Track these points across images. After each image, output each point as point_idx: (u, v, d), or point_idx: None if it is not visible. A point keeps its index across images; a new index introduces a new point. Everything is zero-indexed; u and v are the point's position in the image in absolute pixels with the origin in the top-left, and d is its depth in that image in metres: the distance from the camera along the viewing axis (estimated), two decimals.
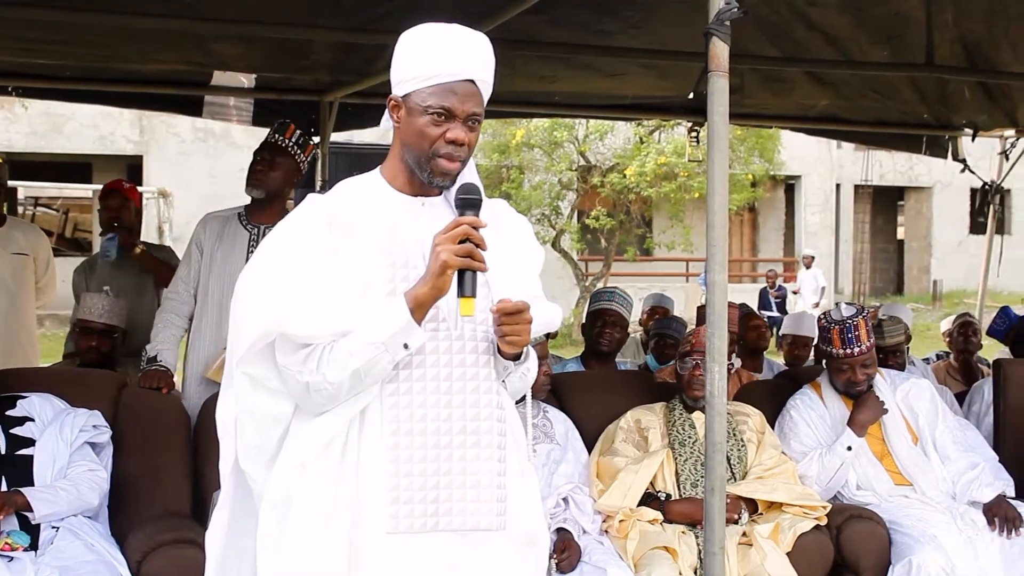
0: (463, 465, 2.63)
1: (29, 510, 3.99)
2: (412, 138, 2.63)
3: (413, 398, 2.60)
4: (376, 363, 2.52)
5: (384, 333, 2.51)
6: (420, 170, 2.64)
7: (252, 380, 2.62)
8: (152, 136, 22.62)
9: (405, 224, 2.66)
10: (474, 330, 2.67)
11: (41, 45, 6.13)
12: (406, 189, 2.70)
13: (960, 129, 8.45)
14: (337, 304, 2.54)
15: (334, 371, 2.52)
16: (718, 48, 3.48)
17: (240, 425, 2.69)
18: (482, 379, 2.67)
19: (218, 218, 5.30)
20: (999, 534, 4.66)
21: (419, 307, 2.53)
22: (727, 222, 3.55)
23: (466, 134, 2.61)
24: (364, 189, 2.72)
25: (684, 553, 4.34)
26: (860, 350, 4.95)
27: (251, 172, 5.20)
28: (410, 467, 2.59)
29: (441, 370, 2.63)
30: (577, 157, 21.38)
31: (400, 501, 2.58)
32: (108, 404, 4.66)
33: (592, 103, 8.41)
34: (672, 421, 4.82)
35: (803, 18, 5.87)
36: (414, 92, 2.61)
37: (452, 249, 2.48)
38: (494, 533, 2.67)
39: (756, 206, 28.19)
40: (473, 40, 2.67)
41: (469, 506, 2.63)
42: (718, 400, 3.50)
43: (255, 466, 2.67)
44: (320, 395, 2.55)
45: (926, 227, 30.59)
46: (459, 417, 2.64)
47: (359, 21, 5.68)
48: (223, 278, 5.09)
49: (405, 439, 2.59)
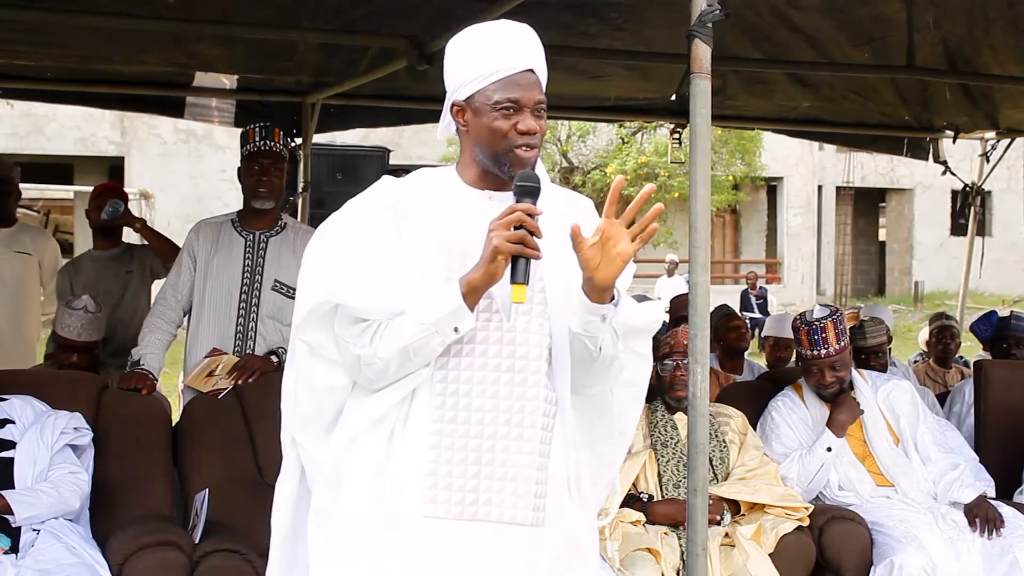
0: (505, 457, 2.62)
1: (10, 513, 3.97)
2: (485, 136, 2.64)
3: (460, 386, 2.61)
4: (426, 343, 2.53)
5: (435, 314, 2.52)
6: (498, 165, 2.65)
7: (310, 348, 2.66)
8: (134, 137, 22.55)
9: (469, 215, 2.66)
10: (527, 324, 2.66)
11: (21, 46, 6.12)
12: (476, 183, 2.72)
13: (941, 131, 8.49)
14: (394, 282, 2.57)
15: (384, 346, 2.54)
16: (700, 50, 3.49)
17: (297, 393, 2.73)
18: (530, 372, 2.65)
19: (212, 225, 5.23)
20: (980, 535, 4.67)
21: (471, 292, 2.53)
22: (709, 224, 3.55)
23: (536, 122, 2.64)
24: (437, 180, 2.76)
25: (667, 554, 4.34)
26: (828, 352, 4.94)
27: (256, 183, 5.09)
28: (451, 454, 2.59)
29: (490, 360, 2.63)
30: (559, 158, 21.40)
31: (439, 487, 2.59)
32: (89, 406, 4.64)
33: (575, 104, 8.42)
34: (654, 422, 4.83)
35: (785, 20, 5.89)
36: (478, 92, 2.63)
37: (505, 235, 2.48)
38: (529, 529, 2.65)
39: (738, 208, 28.27)
40: (525, 31, 2.71)
41: (508, 499, 2.62)
42: (700, 401, 3.50)
43: (307, 435, 2.72)
44: (370, 369, 2.58)
45: (907, 229, 30.71)
46: (504, 409, 2.63)
47: (341, 22, 5.67)
48: (220, 286, 5.07)
49: (448, 426, 2.60)
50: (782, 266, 28.03)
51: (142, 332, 5.12)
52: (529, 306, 2.62)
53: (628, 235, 2.53)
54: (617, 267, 2.54)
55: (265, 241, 5.13)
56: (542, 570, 2.68)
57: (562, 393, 2.70)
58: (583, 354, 2.65)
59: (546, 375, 2.67)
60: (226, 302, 5.08)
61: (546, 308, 2.66)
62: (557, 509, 2.71)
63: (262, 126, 5.18)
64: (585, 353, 2.64)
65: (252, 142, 5.11)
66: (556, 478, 2.71)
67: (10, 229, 6.29)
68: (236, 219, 5.21)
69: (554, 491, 2.70)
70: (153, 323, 5.10)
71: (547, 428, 2.68)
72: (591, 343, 2.61)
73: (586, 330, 2.60)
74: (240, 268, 5.09)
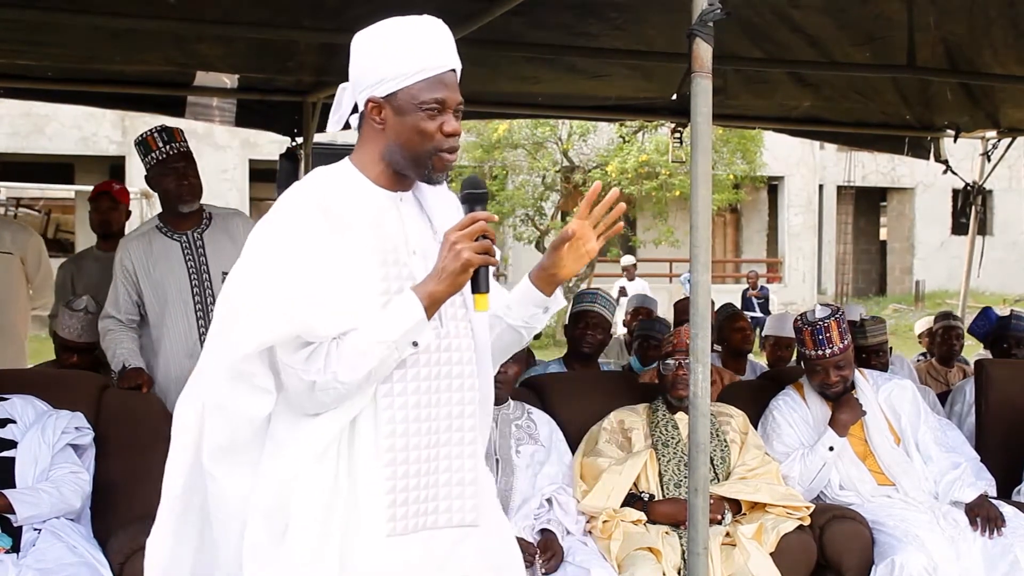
0: (449, 462, 2.63)
1: (11, 512, 3.98)
2: (406, 137, 2.56)
3: (408, 398, 2.58)
4: (387, 362, 2.50)
5: (396, 331, 2.47)
6: (417, 167, 2.59)
7: (240, 376, 2.52)
8: (134, 137, 22.52)
9: (390, 220, 2.62)
10: (457, 328, 2.67)
11: (22, 45, 6.12)
12: (383, 183, 2.64)
13: (942, 130, 8.49)
14: (341, 300, 2.49)
15: (345, 371, 2.46)
16: (701, 49, 3.49)
17: (210, 421, 2.59)
18: (466, 376, 2.67)
19: (138, 238, 5.10)
20: (981, 534, 4.67)
21: (432, 304, 2.51)
22: (710, 223, 3.55)
23: (457, 124, 2.59)
24: (343, 180, 2.64)
25: (668, 554, 4.34)
26: (832, 351, 4.94)
27: (179, 188, 5.01)
28: (406, 467, 2.57)
29: (431, 369, 2.62)
30: (560, 157, 21.39)
31: (397, 503, 2.56)
32: (90, 406, 4.64)
33: (575, 104, 8.42)
34: (655, 422, 4.83)
35: (786, 20, 5.89)
36: (401, 90, 2.54)
37: (472, 247, 2.46)
38: (471, 528, 2.67)
39: (739, 207, 28.25)
40: (444, 29, 2.62)
41: (455, 503, 2.64)
42: (701, 401, 3.51)
43: (224, 467, 2.59)
44: (327, 395, 2.49)
45: (908, 228, 30.69)
46: (446, 415, 2.63)
47: (342, 22, 5.66)
48: (171, 294, 4.99)
49: (401, 440, 2.56)
50: (783, 265, 28.01)
51: (108, 348, 5.01)
52: (453, 309, 2.64)
53: (595, 234, 2.65)
54: (582, 263, 2.69)
55: (200, 238, 5.09)
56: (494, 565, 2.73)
57: (485, 392, 2.75)
58: (512, 344, 2.79)
59: (475, 376, 2.70)
60: (182, 307, 5.00)
61: (468, 311, 2.67)
62: (488, 503, 2.77)
63: (160, 130, 5.08)
64: (516, 342, 2.79)
65: (156, 149, 5.03)
66: (484, 473, 2.77)
67: None
68: (161, 225, 5.11)
69: (484, 487, 2.76)
70: (116, 338, 4.99)
71: (474, 428, 2.70)
72: (527, 333, 2.76)
73: (527, 322, 2.74)
74: (185, 271, 5.02)
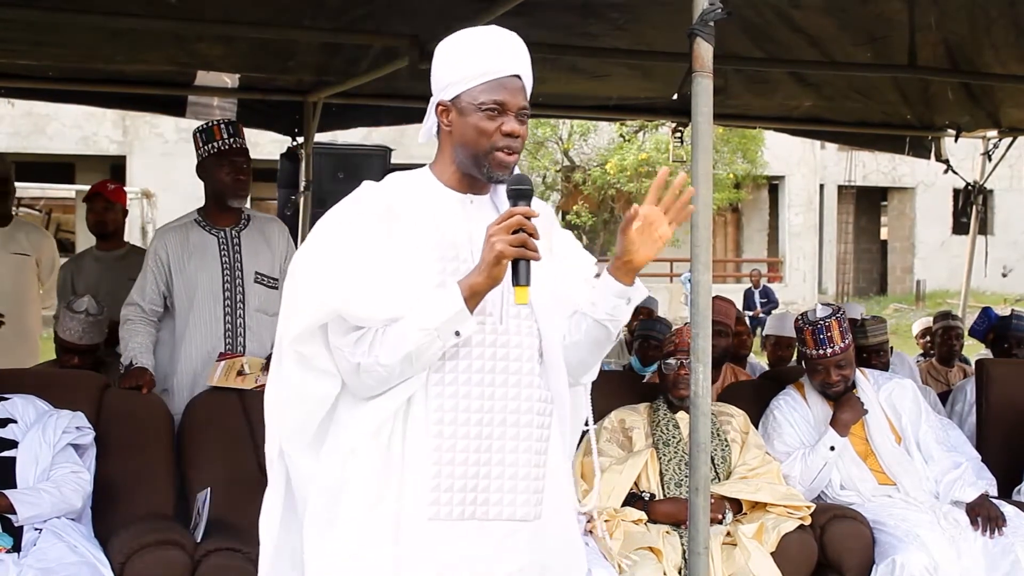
0: (502, 456, 2.69)
1: (12, 512, 3.98)
2: (468, 136, 2.68)
3: (458, 388, 2.66)
4: (428, 349, 2.57)
5: (437, 320, 2.56)
6: (478, 166, 2.69)
7: (301, 359, 2.65)
8: (135, 136, 22.55)
9: (454, 219, 2.70)
10: (518, 326, 2.72)
11: (23, 45, 6.12)
12: (455, 186, 2.75)
13: (943, 130, 8.49)
14: (391, 289, 2.59)
15: (386, 354, 2.57)
16: (702, 49, 3.49)
17: (287, 405, 2.73)
18: (524, 373, 2.71)
19: (175, 229, 5.15)
20: (982, 533, 4.67)
21: (473, 296, 2.58)
22: (711, 222, 3.55)
23: (519, 126, 2.68)
24: (415, 183, 2.77)
25: (668, 553, 4.34)
26: (833, 351, 4.94)
27: (235, 182, 5.04)
28: (452, 456, 2.65)
29: (485, 363, 2.68)
30: (561, 156, 21.40)
31: (441, 489, 2.64)
32: (91, 405, 4.64)
33: (576, 104, 8.42)
34: (656, 421, 4.83)
35: (787, 20, 5.89)
36: (464, 92, 2.66)
37: (507, 239, 2.52)
38: (530, 523, 2.72)
39: (740, 206, 28.27)
40: (514, 38, 2.74)
41: (507, 496, 2.69)
42: (702, 400, 3.50)
43: (295, 446, 2.72)
44: (371, 377, 2.60)
45: (909, 227, 30.70)
46: (500, 409, 2.69)
47: (343, 21, 5.67)
48: (202, 287, 5.02)
49: (448, 428, 2.65)
50: (784, 265, 28.02)
51: (123, 340, 5.04)
52: (518, 308, 2.68)
53: (665, 219, 2.68)
54: (657, 248, 2.70)
55: (237, 236, 5.12)
56: (544, 563, 2.76)
57: (557, 391, 2.77)
58: (601, 340, 2.75)
59: (539, 375, 2.74)
60: (211, 302, 5.05)
61: (534, 311, 2.71)
62: (554, 502, 2.79)
63: (227, 123, 5.11)
64: (603, 337, 2.74)
65: (220, 139, 5.03)
66: (554, 473, 2.79)
67: (6, 228, 6.28)
68: (200, 219, 5.15)
69: (552, 485, 2.78)
70: (133, 329, 5.02)
71: (543, 426, 2.75)
72: (613, 327, 2.72)
73: (611, 314, 2.71)
74: (219, 266, 5.06)
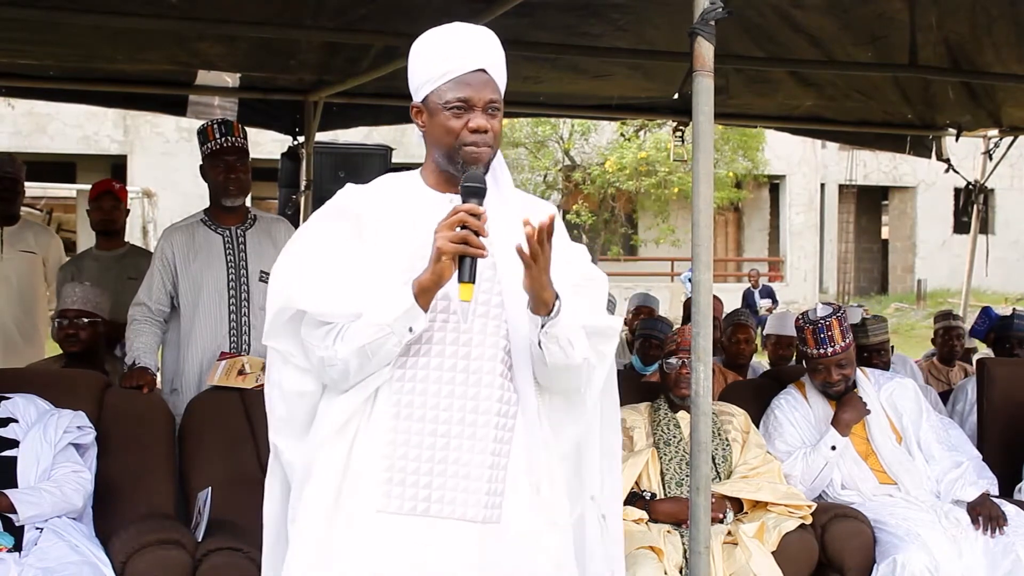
0: (458, 455, 2.69)
1: (13, 512, 3.97)
2: (438, 136, 2.72)
3: (416, 384, 2.69)
4: (383, 344, 2.61)
5: (390, 315, 2.59)
6: (453, 164, 2.71)
7: (282, 356, 2.75)
8: (136, 136, 22.55)
9: (431, 219, 2.70)
10: (484, 325, 2.72)
11: (24, 45, 6.13)
12: (437, 186, 2.79)
13: (944, 129, 8.49)
14: (352, 286, 2.64)
15: (344, 348, 2.62)
16: (703, 48, 3.49)
17: (271, 399, 2.82)
18: (485, 373, 2.72)
19: (182, 229, 5.18)
20: (983, 533, 4.67)
21: (422, 292, 2.60)
22: (712, 222, 3.55)
23: (487, 121, 2.69)
24: (401, 184, 2.83)
25: (669, 552, 4.34)
26: (834, 350, 4.94)
27: (225, 181, 5.08)
28: (406, 451, 2.67)
29: (446, 360, 2.70)
30: (561, 156, 21.40)
31: (393, 482, 2.66)
32: (92, 405, 4.64)
33: (577, 103, 8.43)
34: (657, 420, 4.83)
35: (788, 19, 5.89)
36: (432, 93, 2.71)
37: (447, 236, 2.54)
38: (481, 526, 2.70)
39: (741, 206, 28.26)
40: (477, 32, 2.78)
41: (459, 496, 2.68)
42: (703, 399, 3.50)
43: (282, 438, 2.81)
44: (332, 370, 2.66)
45: (910, 227, 30.68)
46: (459, 408, 2.69)
47: (343, 21, 5.67)
48: (208, 286, 5.05)
49: (404, 424, 2.67)
50: (784, 264, 28.02)
51: (128, 340, 5.08)
52: (486, 308, 2.70)
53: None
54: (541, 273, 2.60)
55: (242, 235, 5.15)
56: (495, 566, 2.71)
57: (524, 393, 2.76)
58: (538, 359, 2.74)
59: (502, 375, 2.74)
60: (217, 300, 5.08)
61: (503, 311, 2.72)
62: (515, 507, 2.75)
63: (220, 122, 5.16)
64: (539, 358, 2.73)
65: (212, 139, 5.08)
66: (515, 476, 2.76)
67: (14, 227, 6.31)
68: (206, 218, 5.19)
69: (512, 489, 2.75)
70: (139, 328, 5.06)
71: (503, 427, 2.74)
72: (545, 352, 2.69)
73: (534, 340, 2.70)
74: (223, 265, 5.10)
